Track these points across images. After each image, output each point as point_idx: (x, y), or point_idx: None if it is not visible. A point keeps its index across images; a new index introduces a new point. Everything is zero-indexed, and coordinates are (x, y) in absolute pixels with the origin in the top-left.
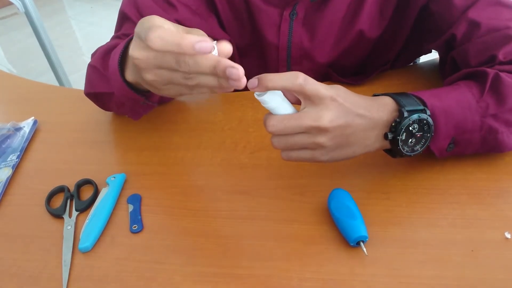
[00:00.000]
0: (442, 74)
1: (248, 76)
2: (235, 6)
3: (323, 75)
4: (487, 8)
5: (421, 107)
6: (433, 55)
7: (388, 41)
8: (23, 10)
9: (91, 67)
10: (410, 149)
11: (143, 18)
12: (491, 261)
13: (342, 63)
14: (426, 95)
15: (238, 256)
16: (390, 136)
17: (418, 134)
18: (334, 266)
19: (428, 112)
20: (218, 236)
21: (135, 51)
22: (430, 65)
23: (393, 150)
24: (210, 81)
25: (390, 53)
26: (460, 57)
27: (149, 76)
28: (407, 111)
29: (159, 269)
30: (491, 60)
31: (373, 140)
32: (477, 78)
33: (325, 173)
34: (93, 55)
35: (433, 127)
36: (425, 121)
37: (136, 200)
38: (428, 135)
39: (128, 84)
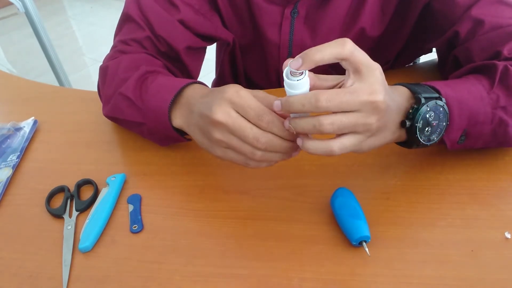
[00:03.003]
0: (442, 74)
1: (250, 74)
2: (237, 4)
3: (324, 75)
4: (490, 7)
5: (437, 95)
6: (433, 55)
7: (389, 40)
8: (23, 10)
9: (122, 96)
10: (426, 139)
11: (235, 88)
12: (491, 261)
13: None
14: (439, 85)
15: (238, 256)
16: (408, 123)
17: (434, 123)
18: (334, 266)
19: (444, 99)
20: (218, 236)
21: (221, 115)
22: (430, 65)
23: (409, 140)
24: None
25: (391, 52)
26: (464, 55)
27: (219, 152)
28: (424, 98)
29: (159, 269)
30: (496, 56)
31: (395, 127)
32: (486, 71)
33: (325, 173)
34: (103, 69)
35: (448, 116)
36: (441, 109)
37: (136, 200)
38: (444, 123)
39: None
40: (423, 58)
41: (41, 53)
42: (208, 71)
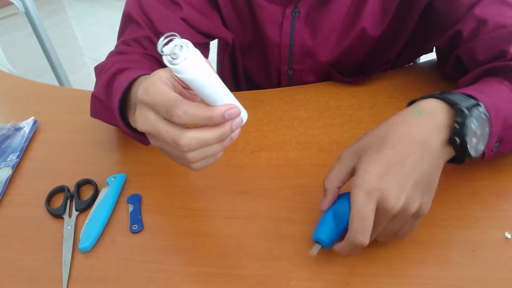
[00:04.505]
0: (442, 74)
1: (251, 74)
2: (237, 4)
3: (325, 74)
4: (493, 6)
5: (474, 101)
6: (434, 55)
7: (390, 39)
8: (23, 10)
9: (94, 98)
10: (475, 151)
11: (145, 85)
12: (491, 261)
13: (344, 62)
14: (471, 91)
15: (238, 256)
16: (457, 140)
17: (478, 132)
18: (334, 266)
19: (482, 105)
20: (218, 236)
21: (141, 124)
22: (430, 65)
23: (459, 156)
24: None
25: (392, 51)
26: (467, 54)
27: (154, 142)
28: (466, 108)
29: (159, 269)
30: (502, 55)
31: (440, 155)
32: (501, 73)
33: (325, 173)
34: (95, 70)
35: (489, 121)
36: (483, 115)
37: (136, 200)
38: (487, 130)
39: (134, 128)
40: (423, 58)
41: (41, 53)
42: None
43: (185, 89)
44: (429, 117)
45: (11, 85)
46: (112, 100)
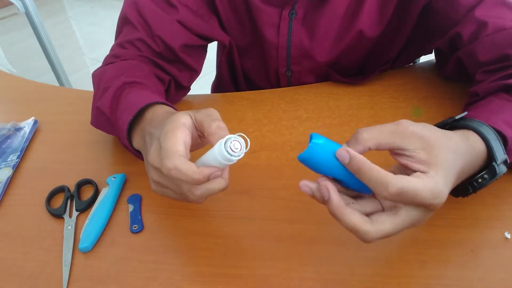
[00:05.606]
0: (440, 74)
1: (250, 75)
2: (236, 6)
3: (323, 75)
4: (493, 8)
5: (505, 156)
6: (433, 56)
7: (388, 41)
8: (23, 10)
9: (99, 110)
10: (476, 189)
11: (167, 129)
12: (491, 261)
13: (342, 63)
14: (502, 126)
15: (238, 256)
16: (470, 191)
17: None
18: (334, 266)
19: (508, 161)
20: (218, 236)
21: (153, 161)
22: (430, 65)
23: (458, 191)
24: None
25: (391, 53)
26: (468, 56)
27: (155, 188)
28: (498, 166)
29: (159, 269)
30: (505, 59)
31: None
32: None
33: None
34: (93, 77)
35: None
36: (505, 170)
37: (136, 200)
38: (496, 178)
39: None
40: (423, 59)
41: (41, 53)
42: (208, 71)
43: (200, 137)
44: (474, 157)
45: (11, 85)
46: (118, 118)
